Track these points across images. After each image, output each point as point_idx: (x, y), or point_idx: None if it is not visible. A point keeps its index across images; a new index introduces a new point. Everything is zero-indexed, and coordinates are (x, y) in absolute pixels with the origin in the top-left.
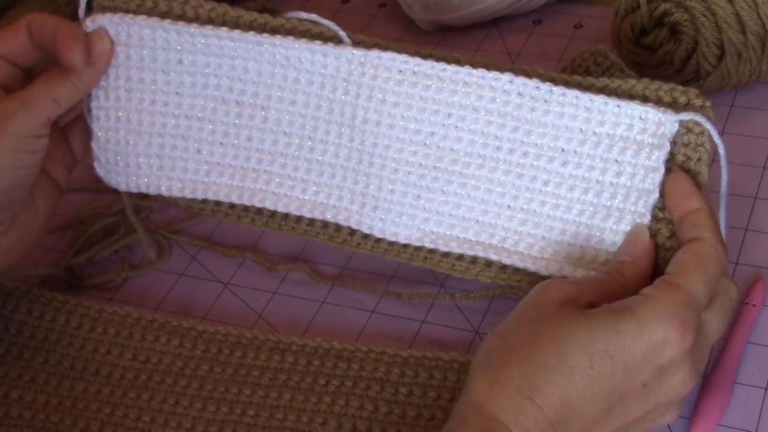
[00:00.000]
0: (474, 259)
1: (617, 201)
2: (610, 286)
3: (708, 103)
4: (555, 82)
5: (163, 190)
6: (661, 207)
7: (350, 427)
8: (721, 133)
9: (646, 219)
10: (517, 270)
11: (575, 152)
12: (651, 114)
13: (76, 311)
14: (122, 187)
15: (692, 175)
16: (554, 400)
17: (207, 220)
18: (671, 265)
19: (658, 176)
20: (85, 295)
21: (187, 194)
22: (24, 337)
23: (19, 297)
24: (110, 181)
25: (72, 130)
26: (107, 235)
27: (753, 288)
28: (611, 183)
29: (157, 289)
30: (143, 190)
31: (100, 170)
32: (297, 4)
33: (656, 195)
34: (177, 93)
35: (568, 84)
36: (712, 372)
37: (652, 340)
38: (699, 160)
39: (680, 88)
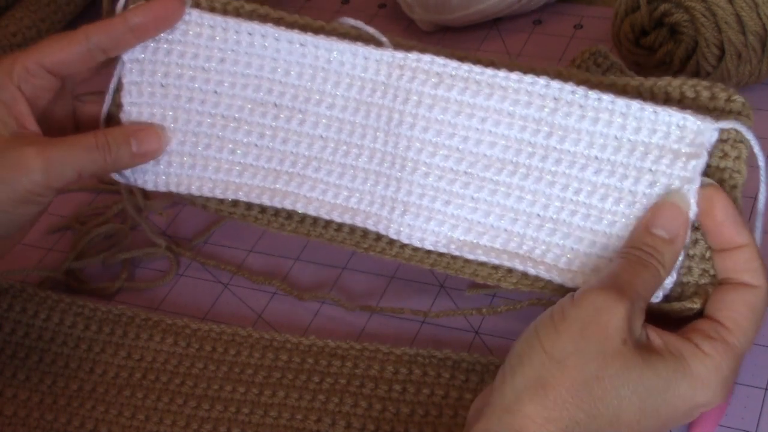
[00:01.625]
0: (497, 265)
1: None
2: (652, 280)
3: (748, 109)
4: (589, 83)
5: (194, 190)
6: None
7: (345, 425)
8: None
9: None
10: (539, 278)
11: (609, 160)
12: (690, 122)
13: (70, 310)
14: (149, 186)
15: (727, 187)
16: None
17: (221, 235)
18: (724, 311)
19: (695, 187)
20: (83, 295)
21: (218, 194)
22: (18, 336)
23: (13, 296)
24: (137, 180)
25: None
26: (108, 238)
27: None
28: (644, 193)
29: (157, 290)
30: (173, 189)
31: (127, 171)
32: (297, 4)
33: (694, 210)
34: (215, 92)
35: (602, 83)
36: None
37: (698, 405)
38: (737, 172)
39: (720, 86)
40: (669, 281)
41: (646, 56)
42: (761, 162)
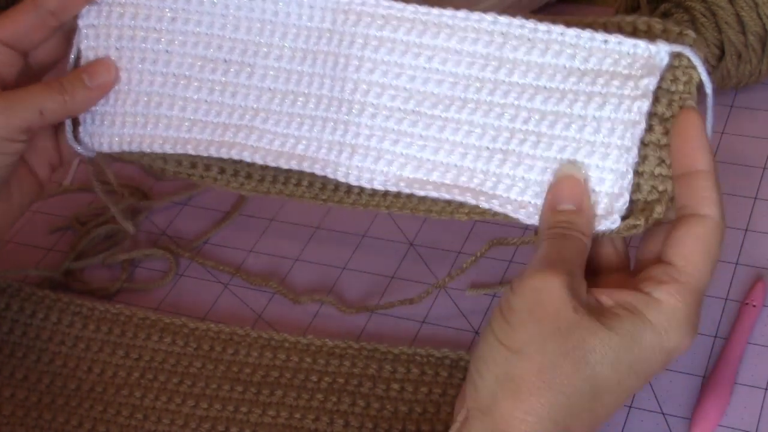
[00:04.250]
0: (449, 200)
1: (602, 135)
2: (578, 249)
3: (699, 43)
4: (540, 20)
5: (145, 147)
6: (647, 128)
7: (343, 423)
8: (721, 134)
9: (633, 153)
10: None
11: (558, 89)
12: (640, 48)
13: (68, 309)
14: (105, 148)
15: (680, 106)
16: (586, 423)
17: (221, 236)
18: (674, 248)
19: (646, 104)
20: (82, 295)
21: (168, 149)
22: (16, 335)
23: (11, 295)
24: (94, 144)
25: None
26: (108, 238)
27: (753, 288)
28: (594, 117)
29: (157, 290)
30: (125, 148)
31: (84, 135)
32: None
33: (643, 125)
34: (167, 51)
35: (554, 21)
36: (712, 372)
37: (669, 350)
38: (688, 94)
39: (672, 21)
40: (621, 202)
41: None
42: (709, 89)
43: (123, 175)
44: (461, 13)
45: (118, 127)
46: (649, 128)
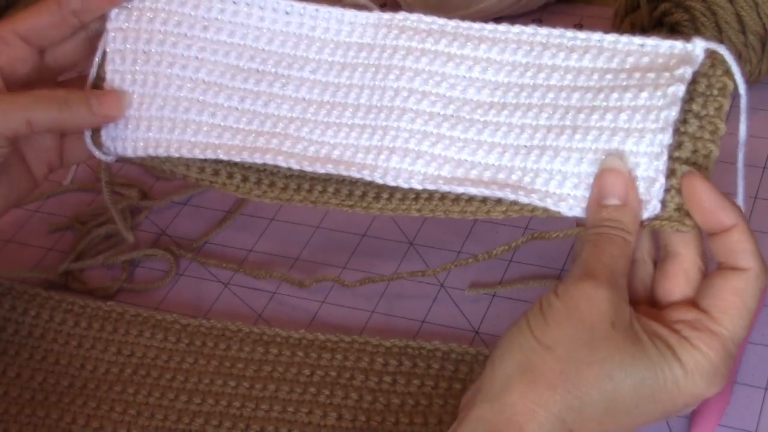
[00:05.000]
0: (485, 199)
1: (636, 121)
2: (623, 252)
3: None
4: (578, 31)
5: (173, 151)
6: (682, 120)
7: (336, 416)
8: None
9: (668, 134)
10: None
11: (594, 86)
12: (677, 47)
13: (60, 307)
14: (129, 153)
15: (712, 110)
16: (593, 431)
17: (221, 236)
18: (711, 299)
19: (681, 89)
20: (82, 296)
21: (197, 154)
22: (8, 334)
23: (2, 294)
24: (117, 149)
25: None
26: (108, 238)
27: None
28: (630, 106)
29: (157, 290)
30: (151, 152)
31: (107, 139)
32: None
33: (677, 107)
34: (197, 58)
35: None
36: None
37: (694, 395)
38: (722, 88)
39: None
40: (657, 186)
41: None
42: (743, 91)
43: (123, 175)
44: (502, 27)
45: (143, 131)
46: (685, 121)
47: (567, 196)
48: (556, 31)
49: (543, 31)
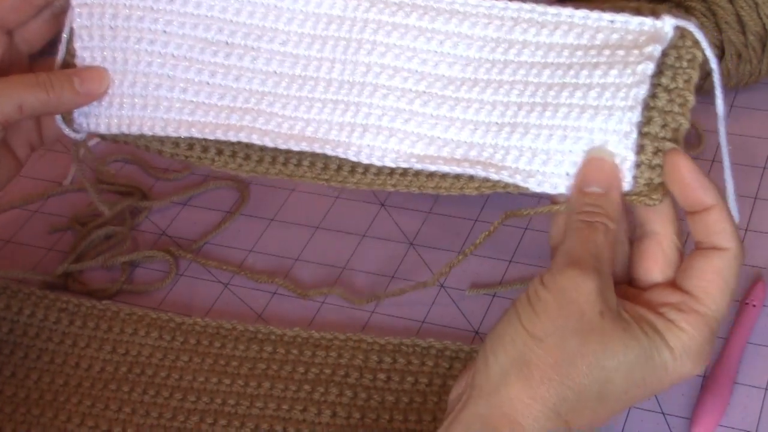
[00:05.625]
0: (459, 175)
1: (605, 98)
2: (603, 237)
3: (695, 21)
4: (548, 5)
5: (146, 129)
6: (651, 95)
7: (330, 414)
8: None
9: (636, 113)
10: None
11: (565, 63)
12: (647, 24)
13: (54, 306)
14: (102, 130)
15: (681, 82)
16: (586, 422)
17: (221, 236)
18: (693, 280)
19: (650, 67)
20: (81, 297)
21: (171, 132)
22: (3, 333)
23: None
24: (89, 126)
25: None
26: (108, 239)
27: (753, 288)
28: (599, 83)
29: (157, 291)
30: (124, 130)
31: (79, 116)
32: None
33: (646, 86)
34: (164, 32)
35: (564, 3)
36: (712, 372)
37: (681, 375)
38: (692, 60)
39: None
40: (628, 164)
41: None
42: (713, 65)
43: (123, 175)
44: (473, 0)
45: (116, 108)
46: (654, 95)
47: (536, 172)
48: (527, 6)
49: (514, 6)
